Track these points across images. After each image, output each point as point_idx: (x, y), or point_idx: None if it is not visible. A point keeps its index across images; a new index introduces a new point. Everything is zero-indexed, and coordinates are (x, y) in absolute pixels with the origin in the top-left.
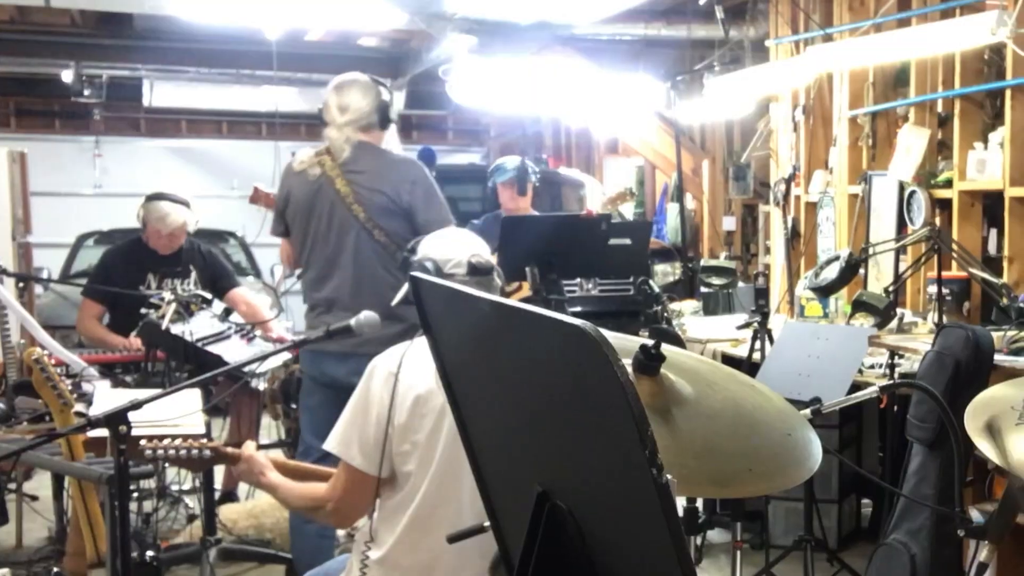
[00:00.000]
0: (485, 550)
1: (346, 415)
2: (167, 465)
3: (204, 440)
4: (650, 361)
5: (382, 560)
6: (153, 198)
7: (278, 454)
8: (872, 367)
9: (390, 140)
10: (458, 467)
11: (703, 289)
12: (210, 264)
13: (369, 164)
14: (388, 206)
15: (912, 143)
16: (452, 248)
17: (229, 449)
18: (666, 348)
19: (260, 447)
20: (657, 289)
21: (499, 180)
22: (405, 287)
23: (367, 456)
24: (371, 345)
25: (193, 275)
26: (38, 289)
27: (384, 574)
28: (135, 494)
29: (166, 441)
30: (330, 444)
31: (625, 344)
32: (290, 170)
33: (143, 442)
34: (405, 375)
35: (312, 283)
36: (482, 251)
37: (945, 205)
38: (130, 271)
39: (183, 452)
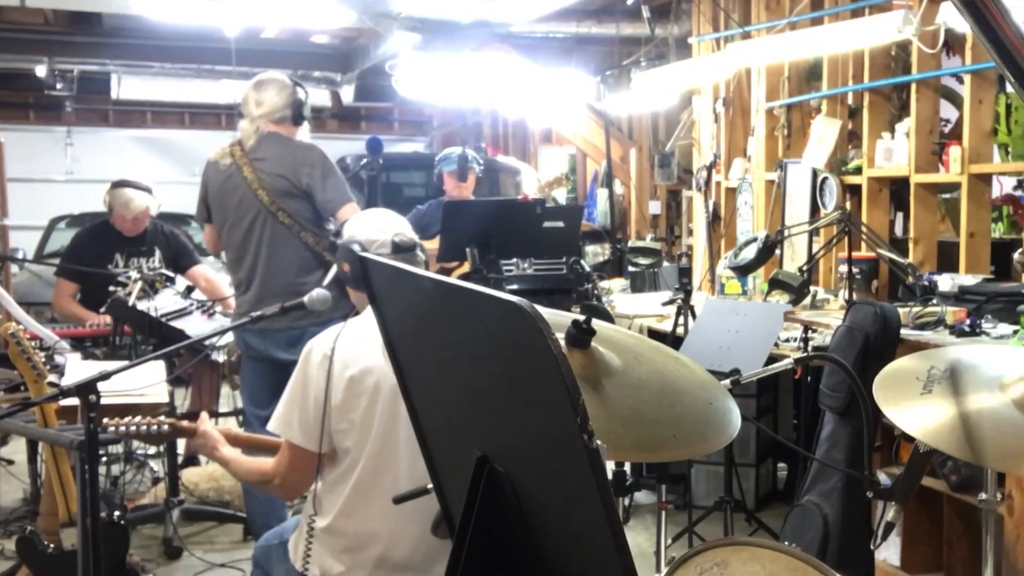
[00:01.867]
0: (424, 517)
1: (285, 397)
2: None
3: (163, 417)
4: (581, 335)
5: (328, 528)
6: (118, 185)
7: (234, 422)
8: (787, 341)
9: (302, 136)
10: (394, 441)
11: (630, 268)
12: (172, 244)
13: (271, 151)
14: (289, 189)
15: (824, 133)
16: (376, 228)
17: (185, 424)
18: (596, 323)
19: (219, 415)
20: (588, 268)
21: (445, 169)
22: (333, 269)
23: (307, 435)
24: (283, 321)
25: (157, 254)
26: (14, 268)
27: (329, 541)
28: (103, 458)
29: (128, 419)
30: (272, 425)
31: (558, 319)
32: (208, 162)
33: (106, 419)
34: (339, 357)
35: (231, 265)
36: (404, 230)
37: (855, 190)
38: (98, 252)
39: (143, 428)
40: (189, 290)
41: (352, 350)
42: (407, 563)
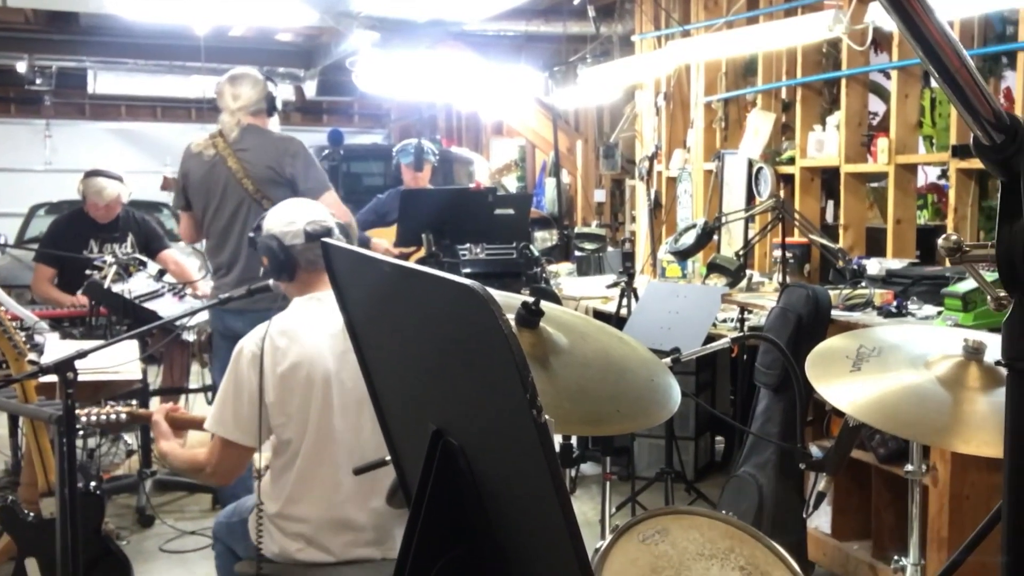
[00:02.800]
0: (366, 495)
1: (219, 396)
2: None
3: (123, 405)
4: (530, 316)
5: (278, 513)
6: (91, 175)
7: (203, 398)
8: (725, 321)
9: (273, 127)
10: (329, 428)
11: (577, 253)
12: (144, 230)
13: (254, 142)
14: (274, 178)
15: (759, 125)
16: (287, 220)
17: (142, 411)
18: (545, 304)
19: (188, 391)
20: (537, 253)
21: (403, 160)
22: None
23: (244, 431)
24: (264, 301)
25: (129, 239)
26: None
27: (282, 524)
28: (80, 432)
29: (88, 409)
30: (209, 424)
31: (509, 301)
32: (188, 152)
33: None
34: (268, 355)
35: (212, 250)
36: (319, 217)
37: (788, 180)
38: (74, 238)
39: (103, 418)
40: (160, 273)
41: (280, 347)
42: (361, 537)
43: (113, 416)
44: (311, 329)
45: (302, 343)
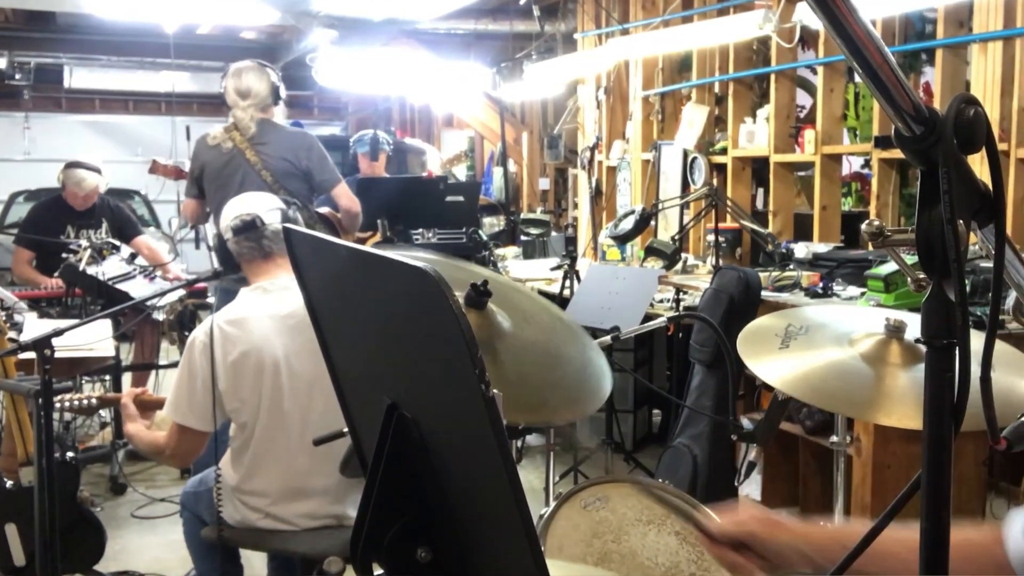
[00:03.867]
0: (320, 467)
1: (175, 385)
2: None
3: (95, 390)
4: (479, 297)
5: (236, 488)
6: (71, 166)
7: (173, 373)
8: (661, 301)
9: (280, 112)
10: (281, 411)
11: (523, 237)
12: (118, 216)
13: (272, 137)
14: (291, 170)
15: (694, 118)
16: (227, 217)
17: (111, 395)
18: (495, 281)
19: (159, 367)
20: (485, 237)
21: (359, 150)
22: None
23: (198, 416)
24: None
25: (104, 225)
26: None
27: (242, 497)
28: (57, 405)
29: (62, 396)
30: (166, 410)
31: (458, 275)
32: (204, 144)
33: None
34: (219, 345)
35: None
36: (249, 210)
37: (721, 169)
38: (52, 223)
39: (76, 403)
40: (132, 257)
41: (229, 337)
42: (316, 506)
43: (86, 402)
44: (258, 318)
45: (250, 332)
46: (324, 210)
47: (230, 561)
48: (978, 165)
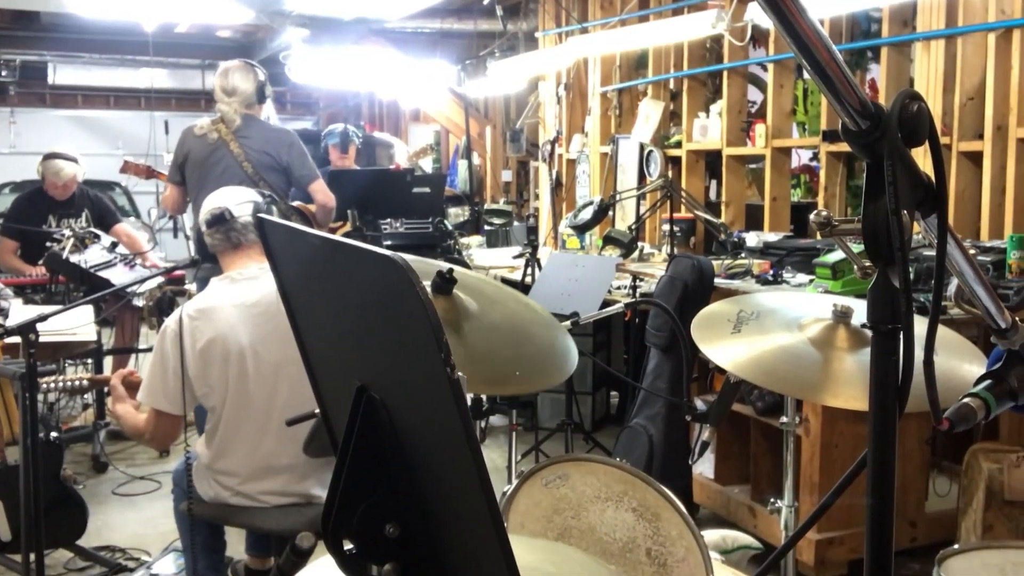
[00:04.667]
0: (286, 448)
1: (148, 371)
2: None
3: (83, 374)
4: (445, 284)
5: (207, 465)
6: (49, 157)
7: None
8: (619, 288)
9: (268, 110)
10: (247, 395)
11: (486, 227)
12: (97, 206)
13: (255, 132)
14: (272, 164)
15: (650, 113)
16: (203, 214)
17: (100, 376)
18: (460, 271)
19: (139, 351)
20: (450, 227)
21: (330, 143)
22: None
23: (172, 402)
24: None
25: (84, 214)
26: None
27: (209, 475)
28: (45, 386)
29: (53, 377)
30: (141, 396)
31: (426, 267)
32: (191, 134)
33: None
34: (188, 334)
35: None
36: (219, 204)
37: (676, 161)
38: (34, 213)
39: (67, 384)
40: (113, 245)
41: (197, 326)
42: (283, 484)
43: (76, 383)
44: (225, 307)
45: (217, 321)
46: (297, 203)
47: (214, 535)
48: (921, 158)
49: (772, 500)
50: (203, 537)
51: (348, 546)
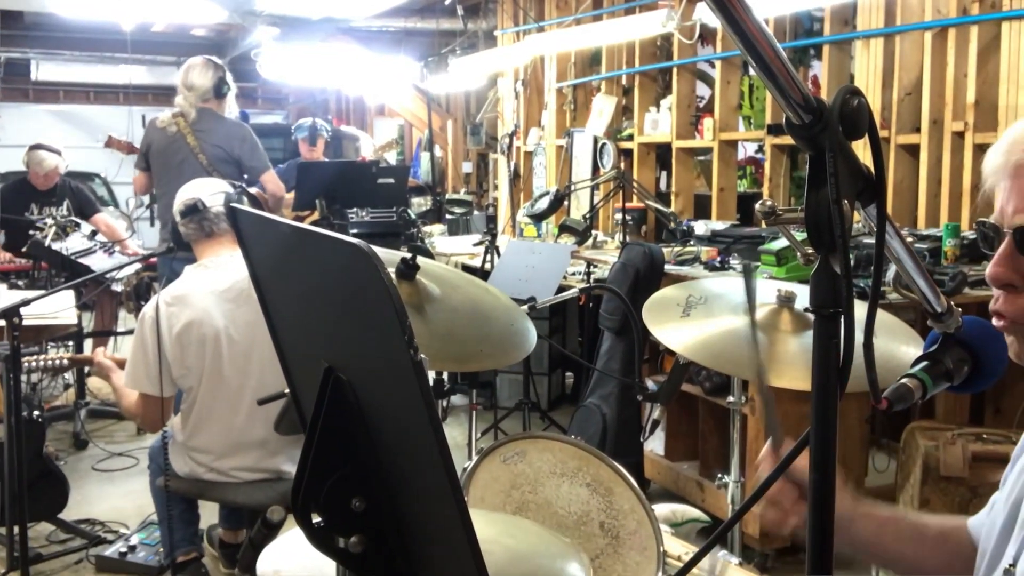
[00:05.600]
0: (257, 426)
1: (129, 357)
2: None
3: (63, 352)
4: (408, 270)
5: (184, 443)
6: (33, 148)
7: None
8: (574, 274)
9: (230, 104)
10: (220, 375)
11: (448, 216)
12: (78, 196)
13: (210, 125)
14: (224, 156)
15: (603, 107)
16: (176, 205)
17: (81, 356)
18: (421, 259)
19: (117, 334)
20: (413, 216)
21: (299, 136)
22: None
23: (153, 384)
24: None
25: (65, 204)
26: None
27: (185, 452)
28: (25, 366)
29: (35, 357)
30: (125, 381)
31: (390, 256)
32: (154, 126)
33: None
34: (164, 319)
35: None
36: (192, 195)
37: (628, 154)
38: (17, 202)
39: (50, 363)
40: (93, 234)
41: (174, 312)
42: (254, 461)
43: (58, 362)
44: (199, 294)
45: (192, 306)
46: (254, 190)
47: (189, 509)
48: (861, 151)
49: (719, 475)
50: (179, 511)
51: (316, 519)
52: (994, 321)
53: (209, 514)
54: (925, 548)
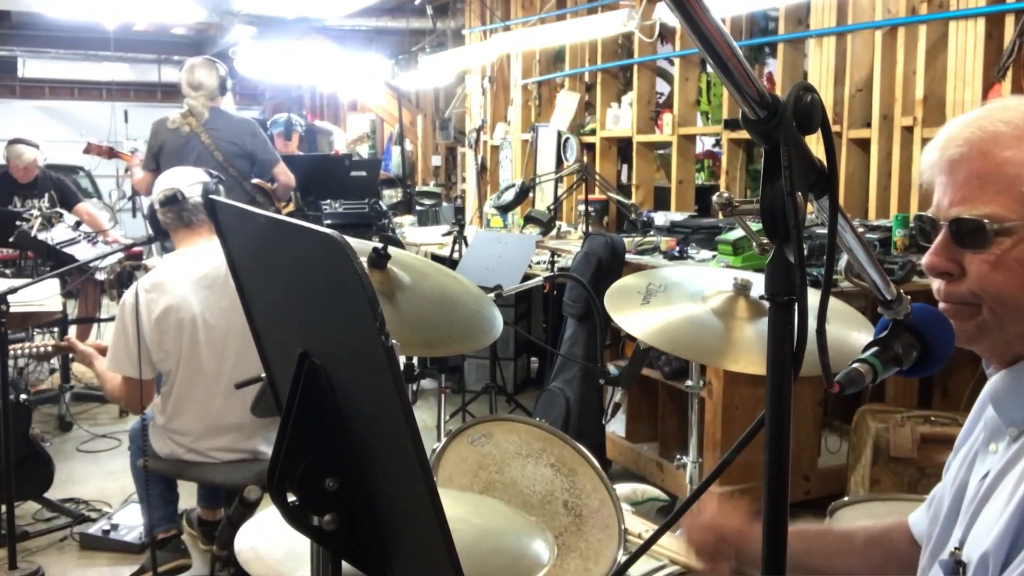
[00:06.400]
0: (234, 408)
1: (112, 342)
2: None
3: (48, 340)
4: (379, 259)
5: (164, 425)
6: (12, 142)
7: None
8: (539, 263)
9: (227, 100)
10: (198, 359)
11: (418, 207)
12: (60, 187)
13: (222, 123)
14: (238, 151)
15: (567, 103)
16: (157, 191)
17: (64, 343)
18: (392, 249)
19: (100, 320)
20: (385, 207)
21: (275, 131)
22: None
23: (133, 367)
24: None
25: (48, 195)
26: None
27: (169, 434)
28: (12, 353)
29: (20, 344)
30: (107, 365)
31: (362, 246)
32: (164, 127)
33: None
34: (144, 305)
35: None
36: (172, 184)
37: (590, 148)
38: (0, 195)
39: (34, 350)
40: (78, 224)
41: (152, 298)
42: (231, 441)
43: (42, 349)
44: (177, 280)
45: (171, 293)
46: (257, 180)
47: (168, 489)
48: (815, 145)
49: (678, 456)
50: (158, 490)
51: (292, 498)
52: (941, 306)
53: (187, 495)
54: (854, 558)
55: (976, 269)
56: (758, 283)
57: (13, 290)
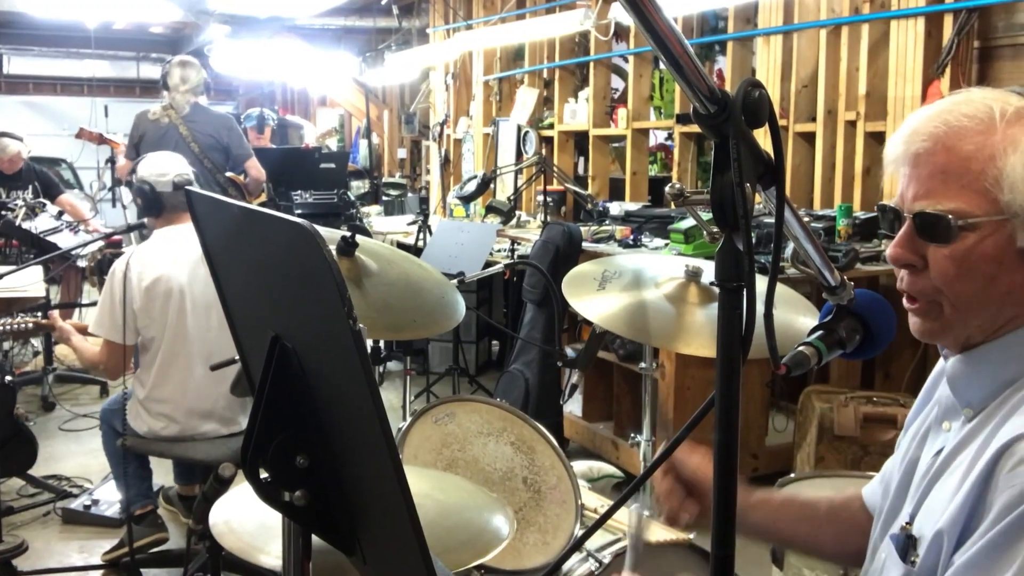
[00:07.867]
0: (215, 384)
1: (99, 306)
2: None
3: (28, 316)
4: (348, 247)
5: (145, 397)
6: None
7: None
8: (499, 251)
9: (203, 100)
10: (184, 329)
11: (384, 198)
12: (43, 179)
13: (201, 117)
14: (214, 144)
15: (526, 99)
16: (161, 172)
17: (44, 321)
18: (359, 238)
19: (82, 305)
20: (353, 198)
21: (248, 125)
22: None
23: (117, 332)
24: None
25: (31, 186)
26: None
27: (149, 407)
28: None
29: (8, 320)
30: (92, 327)
31: (331, 235)
32: (145, 118)
33: None
34: (134, 273)
35: None
36: (184, 170)
37: (549, 141)
38: None
39: (13, 327)
40: (60, 214)
41: (143, 265)
42: (210, 415)
43: (22, 325)
44: (168, 253)
45: (161, 263)
46: (229, 174)
47: (142, 466)
48: (762, 138)
49: (632, 435)
50: (132, 468)
51: (264, 475)
52: (906, 303)
53: (162, 472)
54: (818, 526)
55: (939, 263)
56: (708, 270)
57: None
